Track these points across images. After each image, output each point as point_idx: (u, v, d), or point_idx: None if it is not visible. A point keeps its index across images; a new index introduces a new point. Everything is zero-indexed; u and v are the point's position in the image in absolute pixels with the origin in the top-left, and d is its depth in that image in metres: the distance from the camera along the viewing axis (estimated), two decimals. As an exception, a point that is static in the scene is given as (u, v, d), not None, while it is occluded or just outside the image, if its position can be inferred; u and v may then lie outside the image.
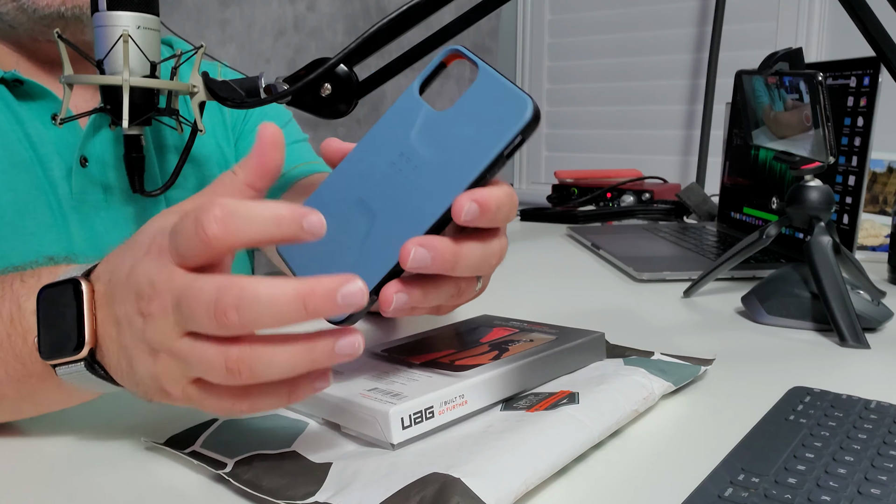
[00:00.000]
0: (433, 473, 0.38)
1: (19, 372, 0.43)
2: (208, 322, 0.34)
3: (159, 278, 0.37)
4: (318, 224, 0.35)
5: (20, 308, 0.43)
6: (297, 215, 0.35)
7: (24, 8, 0.67)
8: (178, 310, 0.36)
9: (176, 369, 0.37)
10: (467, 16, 0.65)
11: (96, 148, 0.72)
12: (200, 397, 0.38)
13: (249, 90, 0.65)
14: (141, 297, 0.37)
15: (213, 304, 0.34)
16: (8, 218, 0.67)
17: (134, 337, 0.38)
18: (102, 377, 0.41)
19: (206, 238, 0.34)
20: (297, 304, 0.34)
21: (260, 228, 0.35)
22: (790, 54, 0.72)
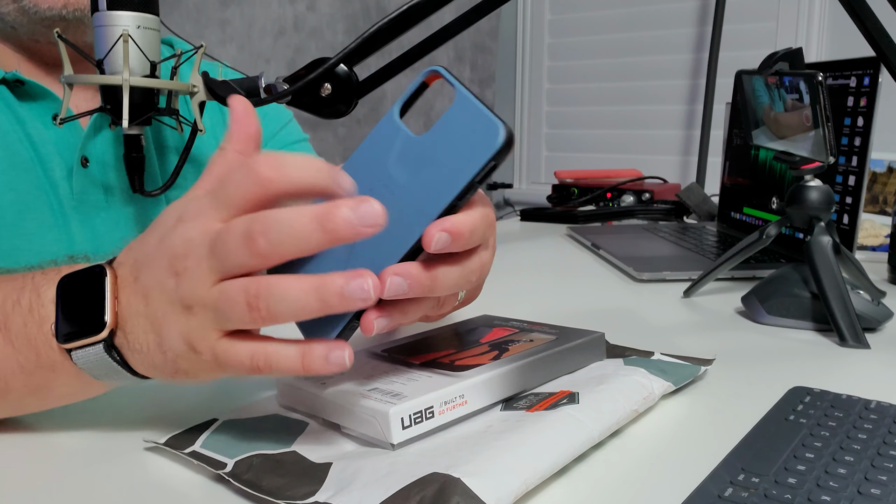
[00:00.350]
0: (433, 473, 0.38)
1: (31, 363, 0.43)
2: (240, 252, 0.37)
3: (195, 233, 0.39)
4: (348, 183, 0.38)
5: (39, 297, 0.44)
6: (332, 171, 0.38)
7: (25, 9, 0.67)
8: (212, 253, 0.38)
9: (207, 321, 0.39)
10: (467, 16, 0.65)
11: (97, 148, 0.72)
12: (227, 351, 0.39)
13: (249, 90, 0.65)
14: (175, 257, 0.39)
15: (245, 233, 0.37)
16: (9, 218, 0.68)
17: (166, 300, 0.40)
18: (118, 362, 0.42)
19: (260, 180, 0.37)
20: (315, 224, 0.36)
21: (303, 174, 0.38)
22: (790, 54, 0.72)
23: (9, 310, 0.44)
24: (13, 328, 0.43)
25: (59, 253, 0.70)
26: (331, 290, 0.37)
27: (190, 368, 0.41)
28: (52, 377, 0.44)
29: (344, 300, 0.37)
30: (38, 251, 0.69)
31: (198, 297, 0.39)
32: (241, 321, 0.38)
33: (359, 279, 0.37)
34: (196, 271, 0.39)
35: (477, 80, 2.41)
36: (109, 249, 0.73)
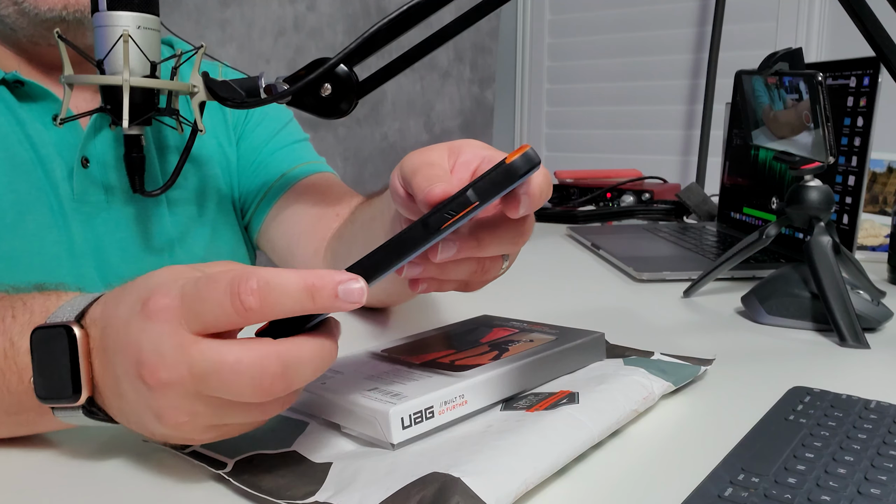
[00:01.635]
0: (433, 473, 0.38)
1: (15, 407, 0.43)
2: (253, 392, 0.35)
3: (167, 348, 0.35)
4: (358, 292, 0.35)
5: (14, 345, 0.42)
6: (332, 283, 0.35)
7: (25, 11, 0.67)
8: (204, 382, 0.35)
9: (191, 427, 0.38)
10: (467, 16, 0.65)
11: (97, 149, 0.72)
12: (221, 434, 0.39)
13: (249, 90, 0.65)
14: (143, 365, 0.36)
15: (259, 375, 0.35)
16: (9, 219, 0.67)
17: (139, 402, 0.38)
18: (102, 419, 0.41)
19: (242, 310, 0.34)
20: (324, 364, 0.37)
21: (294, 301, 0.35)
22: (790, 54, 0.72)
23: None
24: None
25: (60, 253, 0.70)
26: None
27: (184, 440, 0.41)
28: (38, 419, 0.43)
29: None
30: (39, 252, 0.69)
31: (182, 411, 0.37)
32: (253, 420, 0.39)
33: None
34: (176, 390, 0.36)
35: (477, 80, 2.41)
36: (110, 250, 0.73)
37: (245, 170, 0.84)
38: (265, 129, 0.85)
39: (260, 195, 0.83)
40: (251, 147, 0.84)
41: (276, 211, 0.81)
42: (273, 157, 0.84)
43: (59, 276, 0.70)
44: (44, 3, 0.67)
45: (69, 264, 0.71)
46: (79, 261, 0.71)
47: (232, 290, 0.34)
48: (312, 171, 0.84)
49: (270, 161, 0.84)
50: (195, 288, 0.36)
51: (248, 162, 0.84)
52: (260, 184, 0.83)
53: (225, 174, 0.83)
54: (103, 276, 0.73)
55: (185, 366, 0.35)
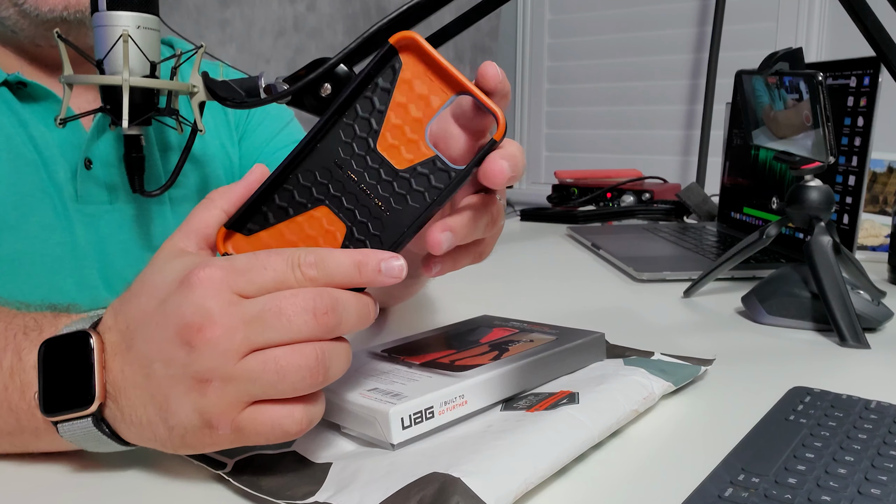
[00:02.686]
0: (433, 473, 0.38)
1: (12, 426, 0.42)
2: (307, 325, 0.37)
3: (215, 304, 0.37)
4: (398, 268, 0.39)
5: (21, 361, 0.42)
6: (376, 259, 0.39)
7: (25, 12, 0.67)
8: (256, 324, 0.37)
9: (231, 395, 0.37)
10: (467, 16, 0.65)
11: (100, 149, 0.72)
12: (255, 422, 0.37)
13: (249, 90, 0.65)
14: (189, 327, 0.37)
15: (312, 307, 0.37)
16: (12, 220, 0.67)
17: (172, 373, 0.37)
18: (108, 435, 0.40)
19: (302, 279, 0.38)
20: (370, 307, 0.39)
21: (344, 274, 0.38)
22: (790, 54, 0.72)
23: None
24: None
25: (63, 254, 0.70)
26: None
27: (197, 443, 0.39)
28: (34, 440, 0.42)
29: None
30: (42, 253, 0.69)
31: (221, 371, 0.36)
32: (295, 389, 0.37)
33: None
34: (221, 345, 0.36)
35: (477, 80, 2.41)
36: (113, 250, 0.73)
37: (247, 169, 0.84)
38: (266, 129, 0.85)
39: None
40: (253, 146, 0.84)
41: None
42: (275, 157, 0.84)
43: (62, 277, 0.70)
44: (44, 3, 0.66)
45: (72, 265, 0.71)
46: (82, 262, 0.71)
47: (293, 261, 0.38)
48: None
49: (272, 160, 0.84)
50: (251, 259, 0.38)
51: (250, 161, 0.84)
52: None
53: (227, 174, 0.83)
54: (105, 277, 0.73)
55: (236, 315, 0.37)
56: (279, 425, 0.38)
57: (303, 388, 0.37)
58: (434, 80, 0.41)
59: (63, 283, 0.70)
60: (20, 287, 0.68)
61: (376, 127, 0.41)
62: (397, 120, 0.40)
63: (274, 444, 0.44)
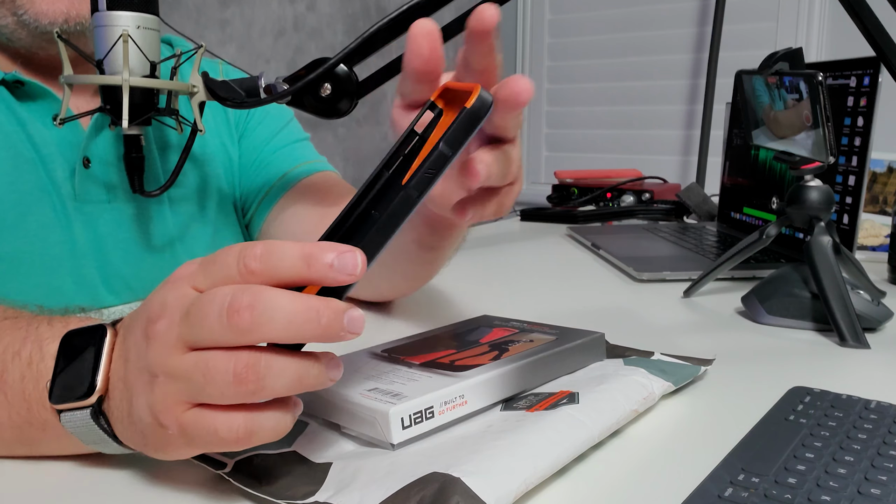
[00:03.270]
0: (433, 473, 0.38)
1: (22, 418, 0.42)
2: (218, 323, 0.34)
3: (171, 297, 0.37)
4: (352, 263, 0.35)
5: (41, 351, 0.42)
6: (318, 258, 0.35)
7: (25, 23, 0.66)
8: (185, 320, 0.35)
9: (173, 392, 0.36)
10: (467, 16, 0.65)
11: (99, 148, 0.72)
12: (197, 423, 0.36)
13: (249, 90, 0.65)
14: (150, 319, 0.37)
15: (227, 304, 0.34)
16: (11, 219, 0.67)
17: (137, 365, 0.37)
18: (104, 429, 0.40)
19: (245, 272, 0.35)
20: (312, 313, 0.34)
21: (290, 266, 0.35)
22: (790, 54, 0.72)
23: (7, 361, 0.42)
24: (9, 380, 0.42)
25: (62, 253, 0.70)
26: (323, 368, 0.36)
27: (158, 444, 0.38)
28: (40, 436, 0.43)
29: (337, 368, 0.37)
30: (41, 252, 0.69)
31: (164, 366, 0.36)
32: (222, 391, 0.35)
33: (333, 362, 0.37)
34: (165, 337, 0.36)
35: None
36: (111, 249, 0.73)
37: (246, 169, 0.84)
38: (266, 128, 0.85)
39: (261, 194, 0.83)
40: (252, 146, 0.84)
41: (277, 210, 0.81)
42: (274, 157, 0.84)
43: (61, 276, 0.70)
44: (44, 16, 0.66)
45: (71, 264, 0.71)
46: (80, 261, 0.71)
47: (240, 253, 0.36)
48: (314, 171, 0.84)
49: (272, 160, 0.84)
50: (213, 255, 0.37)
51: (250, 161, 0.84)
52: (261, 183, 0.83)
53: (227, 173, 0.83)
54: (104, 276, 0.73)
55: (179, 309, 0.36)
56: (215, 431, 0.36)
57: (231, 396, 0.35)
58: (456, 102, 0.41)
59: (62, 283, 0.70)
60: (19, 286, 0.68)
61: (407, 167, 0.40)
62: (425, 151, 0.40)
63: (272, 444, 0.44)
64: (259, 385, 0.35)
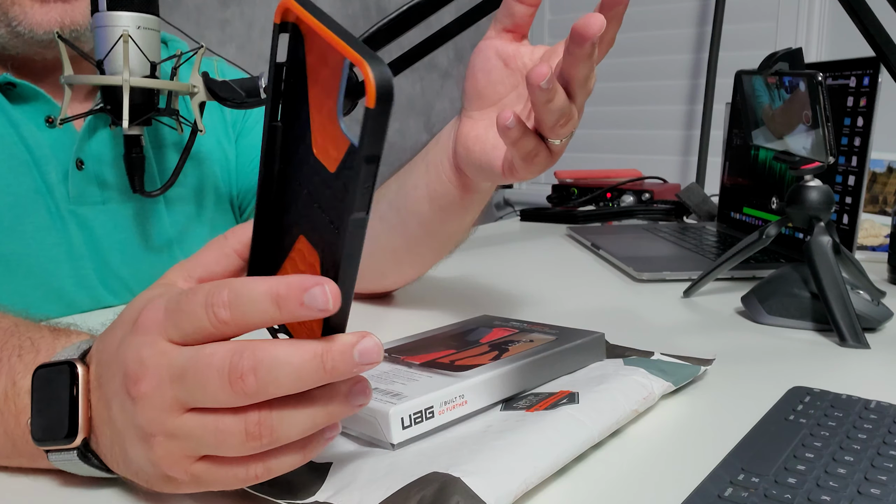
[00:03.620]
0: (433, 473, 0.38)
1: (9, 451, 0.42)
2: (222, 390, 0.33)
3: (148, 354, 0.34)
4: (322, 298, 0.32)
5: (15, 385, 0.41)
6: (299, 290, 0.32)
7: (19, 33, 0.66)
8: (180, 383, 0.34)
9: (176, 450, 0.35)
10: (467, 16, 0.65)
11: (93, 150, 0.72)
12: (210, 474, 0.35)
13: (249, 90, 0.65)
14: (128, 377, 0.35)
15: (228, 370, 0.32)
16: (7, 222, 0.67)
17: (125, 422, 0.36)
18: (97, 466, 0.39)
19: (216, 322, 0.33)
20: (316, 362, 0.32)
21: (262, 313, 0.33)
22: (790, 54, 0.72)
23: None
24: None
25: (59, 255, 0.70)
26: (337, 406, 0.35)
27: (163, 489, 0.37)
28: (32, 463, 0.42)
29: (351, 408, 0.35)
30: (38, 254, 0.69)
31: (160, 428, 0.34)
32: (235, 449, 0.34)
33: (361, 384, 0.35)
34: (154, 400, 0.34)
35: (477, 80, 2.41)
36: (109, 250, 0.73)
37: (244, 168, 0.84)
38: None
39: None
40: (250, 145, 0.84)
41: None
42: None
43: (60, 278, 0.70)
44: (39, 26, 0.66)
45: (68, 266, 0.70)
46: (78, 262, 0.71)
47: (207, 301, 0.33)
48: None
49: None
50: (177, 301, 0.35)
51: (247, 160, 0.84)
52: None
53: (224, 172, 0.83)
54: (102, 277, 0.73)
55: (165, 368, 0.34)
56: (233, 477, 0.35)
57: (246, 451, 0.34)
58: (326, 53, 0.32)
59: (61, 284, 0.70)
60: (19, 288, 0.68)
61: (308, 131, 0.34)
62: (318, 115, 0.33)
63: None
64: (273, 438, 0.34)
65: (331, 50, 0.31)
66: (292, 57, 0.34)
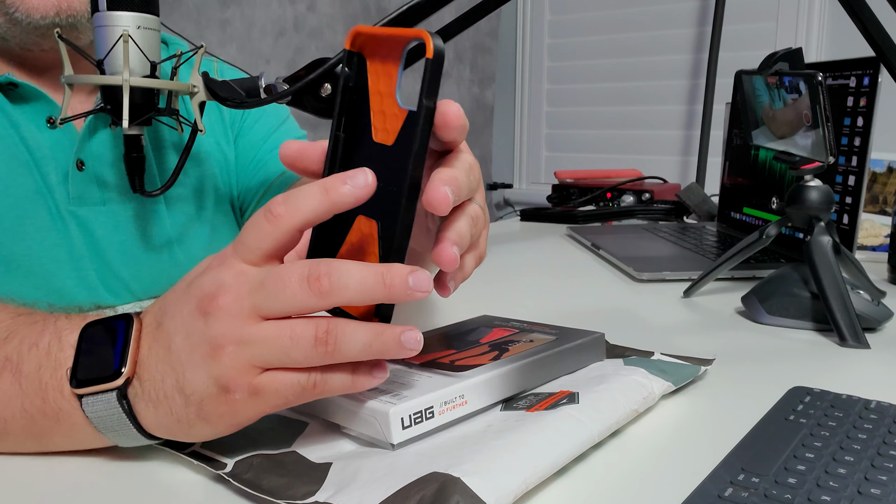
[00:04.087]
0: (433, 473, 0.38)
1: (36, 407, 0.42)
2: (300, 290, 0.38)
3: (228, 275, 0.39)
4: (363, 184, 0.39)
5: (60, 340, 0.43)
6: (337, 190, 0.39)
7: (16, 20, 0.66)
8: (260, 291, 0.38)
9: (246, 358, 0.38)
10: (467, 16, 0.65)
11: (93, 150, 0.72)
12: (273, 382, 0.39)
13: (249, 90, 0.65)
14: (205, 297, 0.39)
15: (307, 273, 0.38)
16: (7, 223, 0.67)
17: (192, 342, 0.39)
18: (128, 414, 0.41)
19: (272, 218, 0.39)
20: (378, 277, 0.38)
21: (312, 203, 0.39)
22: (790, 54, 0.72)
23: (24, 351, 0.43)
24: (25, 370, 0.42)
25: (59, 256, 0.70)
26: (390, 336, 0.39)
27: (214, 412, 0.40)
28: (53, 427, 0.43)
29: (399, 345, 0.39)
30: (38, 255, 0.69)
31: (235, 336, 0.38)
32: (302, 355, 0.38)
33: (412, 332, 0.39)
34: (233, 310, 0.38)
35: (477, 80, 2.41)
36: (109, 251, 0.73)
37: (244, 168, 0.84)
38: (263, 127, 0.85)
39: (260, 193, 0.83)
40: (250, 145, 0.84)
41: None
42: (272, 155, 0.84)
43: (61, 279, 0.70)
44: (35, 10, 0.66)
45: (69, 266, 0.70)
46: (79, 263, 0.71)
47: (264, 209, 0.39)
48: None
49: (270, 158, 0.84)
50: (245, 224, 0.40)
51: (248, 160, 0.84)
52: (260, 181, 0.83)
53: (223, 172, 0.83)
54: (102, 278, 0.72)
55: (245, 283, 0.39)
56: (296, 384, 0.39)
57: (313, 357, 0.38)
58: (387, 51, 0.41)
59: (62, 284, 0.70)
60: (19, 288, 0.67)
61: (369, 126, 0.42)
62: (378, 106, 0.42)
63: (272, 444, 0.44)
64: (336, 347, 0.38)
65: (394, 41, 0.40)
66: (356, 79, 0.43)
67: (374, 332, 0.39)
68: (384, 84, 0.41)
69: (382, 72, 0.41)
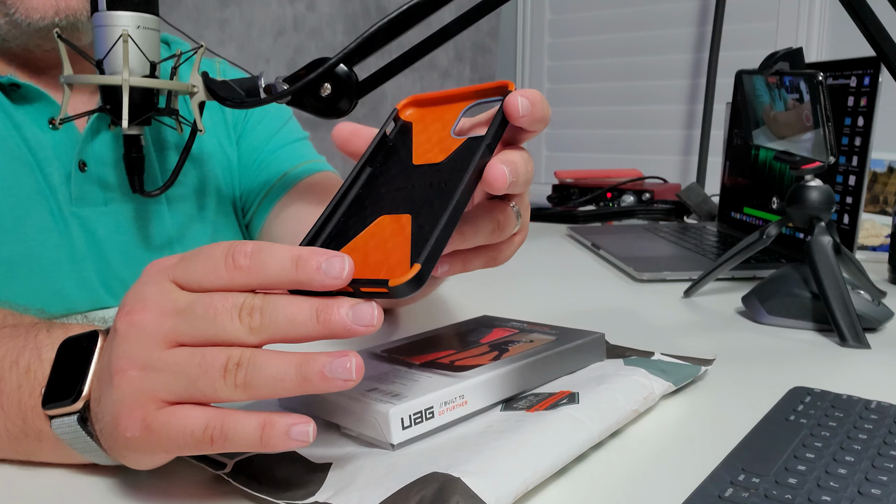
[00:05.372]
0: (433, 473, 0.38)
1: (18, 428, 0.42)
2: (231, 322, 0.35)
3: (152, 292, 0.36)
4: (336, 274, 0.35)
5: (40, 359, 0.42)
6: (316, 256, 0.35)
7: (16, 22, 0.66)
8: (185, 314, 0.35)
9: (148, 387, 0.35)
10: (467, 16, 0.65)
11: (95, 151, 0.72)
12: (166, 424, 0.35)
13: (249, 90, 0.65)
14: (124, 310, 0.36)
15: (241, 304, 0.35)
16: (9, 223, 0.67)
17: (103, 362, 0.37)
18: (91, 435, 0.39)
19: (232, 267, 0.35)
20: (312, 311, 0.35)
21: (280, 268, 0.35)
22: (790, 54, 0.72)
23: (5, 370, 0.42)
24: (6, 389, 0.41)
25: (60, 256, 0.70)
26: (313, 368, 0.35)
27: (114, 445, 0.37)
28: (36, 447, 0.42)
29: (325, 380, 0.35)
30: (39, 255, 0.69)
31: (143, 359, 0.35)
32: (214, 389, 0.35)
33: (342, 358, 0.35)
34: (148, 330, 0.35)
35: (477, 79, 2.41)
36: (110, 251, 0.73)
37: (246, 168, 0.84)
38: (265, 128, 0.85)
39: (262, 194, 0.83)
40: (252, 145, 0.84)
41: (277, 210, 0.81)
42: (274, 156, 0.84)
43: (61, 279, 0.70)
44: (35, 11, 0.66)
45: (70, 267, 0.70)
46: (79, 264, 0.71)
47: (228, 250, 0.36)
48: (314, 170, 0.84)
49: (272, 160, 0.84)
50: (196, 250, 0.37)
51: (250, 160, 0.84)
52: (261, 182, 0.83)
53: (225, 173, 0.83)
54: (103, 279, 0.72)
55: (167, 303, 0.36)
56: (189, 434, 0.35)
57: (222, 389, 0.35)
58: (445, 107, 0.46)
59: (62, 286, 0.70)
60: (19, 290, 0.67)
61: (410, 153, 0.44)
62: (423, 143, 0.45)
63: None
64: (248, 378, 0.34)
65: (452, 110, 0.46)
66: (398, 133, 0.47)
67: (293, 365, 0.35)
68: (435, 131, 0.44)
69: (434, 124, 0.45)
